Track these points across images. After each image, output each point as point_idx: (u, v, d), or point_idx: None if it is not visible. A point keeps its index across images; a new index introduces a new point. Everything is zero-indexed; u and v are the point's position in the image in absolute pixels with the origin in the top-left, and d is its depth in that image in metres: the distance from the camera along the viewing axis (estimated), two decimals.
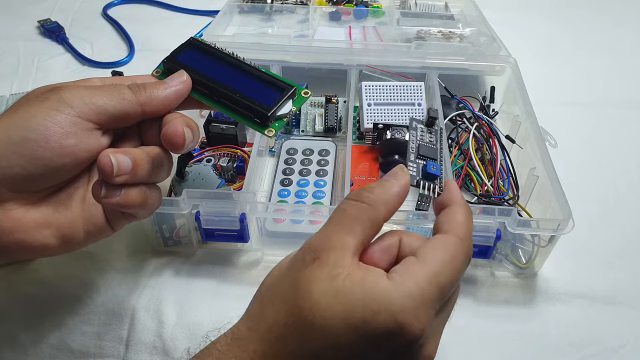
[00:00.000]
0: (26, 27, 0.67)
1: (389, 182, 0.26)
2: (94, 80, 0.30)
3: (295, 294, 0.22)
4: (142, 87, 0.29)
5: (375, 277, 0.22)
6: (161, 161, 0.29)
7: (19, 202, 0.27)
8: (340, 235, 0.23)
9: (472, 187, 0.43)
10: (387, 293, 0.21)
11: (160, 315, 0.36)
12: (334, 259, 0.22)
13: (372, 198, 0.24)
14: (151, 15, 0.72)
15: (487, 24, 0.58)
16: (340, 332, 0.21)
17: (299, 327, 0.22)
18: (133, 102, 0.28)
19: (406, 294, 0.21)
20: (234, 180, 0.44)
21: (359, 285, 0.22)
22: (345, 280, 0.22)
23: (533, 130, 0.42)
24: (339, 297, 0.21)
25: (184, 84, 0.30)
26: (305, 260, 0.23)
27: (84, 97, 0.27)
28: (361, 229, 0.24)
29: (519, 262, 0.38)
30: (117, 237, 0.39)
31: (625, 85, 0.59)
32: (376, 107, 0.47)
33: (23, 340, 0.35)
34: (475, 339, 0.35)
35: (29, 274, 0.38)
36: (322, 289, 0.22)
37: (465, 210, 0.26)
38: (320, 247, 0.23)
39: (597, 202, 0.45)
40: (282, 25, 0.63)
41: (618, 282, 0.39)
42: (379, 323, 0.21)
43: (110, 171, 0.26)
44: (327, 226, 0.24)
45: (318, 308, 0.21)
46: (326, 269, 0.22)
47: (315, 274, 0.22)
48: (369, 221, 0.24)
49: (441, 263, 0.23)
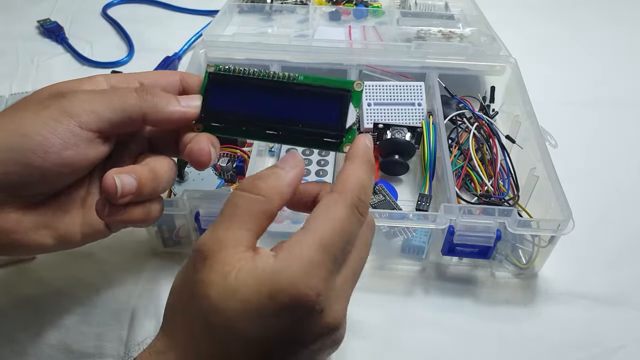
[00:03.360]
0: (25, 26, 0.67)
1: (283, 170, 0.25)
2: (99, 80, 0.29)
3: (196, 302, 0.22)
4: (150, 93, 0.27)
5: (262, 261, 0.22)
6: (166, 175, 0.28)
7: (16, 205, 0.27)
8: (231, 231, 0.23)
9: (472, 187, 0.43)
10: (274, 272, 0.21)
11: (160, 316, 0.35)
12: (224, 257, 0.22)
13: (266, 189, 0.24)
14: (151, 15, 0.72)
15: (487, 24, 0.58)
16: (246, 326, 0.21)
17: (208, 331, 0.22)
18: (136, 108, 0.27)
19: (293, 267, 0.21)
20: (234, 180, 0.44)
21: (250, 276, 0.21)
22: (237, 275, 0.22)
23: (533, 130, 0.42)
24: (236, 294, 0.21)
25: (195, 108, 0.28)
26: (196, 266, 0.22)
27: (86, 105, 0.26)
28: (255, 223, 0.23)
29: (519, 263, 0.38)
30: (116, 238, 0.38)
31: (626, 85, 0.59)
32: (376, 107, 0.47)
33: (22, 340, 0.35)
34: (475, 339, 0.35)
35: (28, 275, 0.38)
36: (218, 292, 0.21)
37: (353, 164, 0.25)
38: (210, 247, 0.23)
39: (597, 203, 0.44)
40: (282, 25, 0.63)
41: (618, 283, 0.39)
42: (276, 303, 0.21)
43: (114, 193, 0.25)
44: (218, 223, 0.24)
45: (218, 310, 0.21)
46: (217, 269, 0.22)
47: (209, 277, 0.22)
48: (263, 214, 0.24)
49: (321, 224, 0.23)
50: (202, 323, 0.22)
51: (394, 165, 0.45)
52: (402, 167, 0.45)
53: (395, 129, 0.45)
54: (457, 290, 0.38)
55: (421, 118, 0.47)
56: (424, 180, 0.42)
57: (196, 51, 0.51)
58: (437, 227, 0.35)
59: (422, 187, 0.42)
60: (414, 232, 0.38)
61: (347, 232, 0.23)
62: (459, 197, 0.41)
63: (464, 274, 0.39)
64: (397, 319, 0.36)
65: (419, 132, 0.45)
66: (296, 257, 0.22)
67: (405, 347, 0.35)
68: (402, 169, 0.45)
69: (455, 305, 0.37)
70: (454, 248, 0.36)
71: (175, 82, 0.30)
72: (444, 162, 0.40)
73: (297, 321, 0.22)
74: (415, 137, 0.45)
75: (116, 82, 0.29)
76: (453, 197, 0.37)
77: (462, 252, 0.37)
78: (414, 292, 0.38)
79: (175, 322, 0.23)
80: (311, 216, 0.23)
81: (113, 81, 0.29)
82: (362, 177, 0.25)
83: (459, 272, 0.39)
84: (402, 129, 0.44)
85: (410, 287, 0.38)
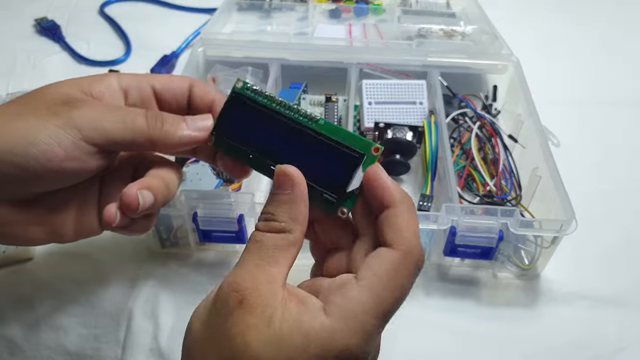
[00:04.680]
0: (22, 25, 0.67)
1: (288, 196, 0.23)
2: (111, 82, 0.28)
3: (231, 348, 0.20)
4: (160, 121, 0.27)
5: (311, 316, 0.21)
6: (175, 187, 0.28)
7: (9, 201, 0.27)
8: (264, 269, 0.22)
9: (475, 187, 0.43)
10: (327, 333, 0.20)
11: (157, 317, 0.35)
12: (263, 299, 0.20)
13: (284, 225, 0.23)
14: (148, 13, 0.71)
15: (489, 22, 0.57)
16: None
17: None
18: (144, 134, 0.26)
19: (348, 332, 0.20)
20: (232, 180, 0.43)
21: (297, 329, 0.20)
22: (282, 324, 0.20)
23: (536, 130, 0.42)
24: (280, 345, 0.20)
25: (206, 131, 0.28)
26: (230, 305, 0.20)
27: (95, 121, 0.25)
28: (284, 257, 0.22)
29: (522, 264, 0.38)
30: (114, 239, 0.38)
31: (629, 84, 0.59)
32: (377, 105, 0.47)
33: (20, 342, 0.34)
34: (477, 340, 0.35)
35: (25, 276, 0.38)
36: (260, 340, 0.20)
37: (408, 212, 0.23)
38: (244, 285, 0.21)
39: (600, 203, 0.44)
40: (281, 22, 0.63)
41: (621, 284, 0.38)
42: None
43: (136, 208, 0.26)
44: (246, 261, 0.22)
45: None
46: (258, 312, 0.20)
47: (247, 321, 0.20)
48: (290, 246, 0.23)
49: (383, 288, 0.21)
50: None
51: (395, 165, 0.44)
52: (403, 166, 0.44)
53: (396, 128, 0.44)
54: (458, 291, 0.38)
55: (422, 117, 0.46)
56: (426, 180, 0.42)
57: (194, 49, 0.50)
58: (438, 227, 0.35)
59: (423, 187, 0.42)
60: None
61: (404, 296, 0.22)
62: (461, 197, 0.40)
63: (466, 275, 0.39)
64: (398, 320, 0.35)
65: (421, 131, 0.44)
66: (352, 324, 0.20)
67: (406, 348, 0.34)
68: (403, 169, 0.44)
69: (457, 307, 0.37)
70: (455, 249, 0.36)
71: (184, 89, 0.30)
72: (446, 162, 0.40)
73: None
74: (417, 137, 0.44)
75: (128, 84, 0.29)
76: (455, 197, 0.37)
77: (464, 252, 0.36)
78: (415, 293, 0.37)
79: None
80: (371, 271, 0.22)
81: (124, 83, 0.29)
82: (417, 229, 0.23)
83: (460, 273, 0.39)
84: (403, 128, 0.44)
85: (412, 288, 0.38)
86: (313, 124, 0.26)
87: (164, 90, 0.30)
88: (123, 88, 0.29)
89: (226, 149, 0.28)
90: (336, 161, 0.25)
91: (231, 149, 0.28)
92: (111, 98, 0.28)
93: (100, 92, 0.28)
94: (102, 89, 0.28)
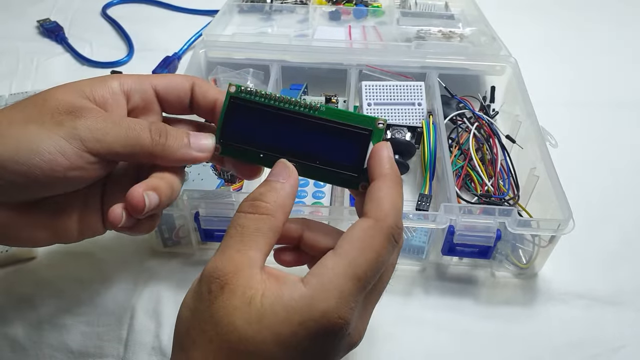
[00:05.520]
0: (25, 26, 0.67)
1: (279, 184, 0.25)
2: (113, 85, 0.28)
3: (218, 330, 0.21)
4: (164, 136, 0.27)
5: (290, 289, 0.22)
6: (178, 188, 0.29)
7: (15, 204, 0.27)
8: (245, 253, 0.23)
9: (473, 187, 0.43)
10: (305, 301, 0.21)
11: (159, 316, 0.36)
12: (244, 281, 0.22)
13: (269, 207, 0.24)
14: (150, 14, 0.72)
15: (487, 24, 0.57)
16: (275, 353, 0.21)
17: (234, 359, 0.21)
18: (146, 149, 0.27)
19: (325, 298, 0.21)
20: (234, 180, 0.44)
21: (278, 303, 0.21)
22: (262, 300, 0.21)
23: (533, 130, 0.42)
24: (264, 320, 0.21)
25: (208, 152, 0.28)
26: (213, 291, 0.22)
27: (98, 133, 0.26)
28: (265, 241, 0.23)
29: (520, 263, 0.38)
30: (116, 238, 0.39)
31: (626, 85, 0.59)
32: (376, 106, 0.47)
33: (22, 341, 0.35)
34: (475, 339, 0.35)
35: (28, 275, 0.38)
36: (244, 318, 0.21)
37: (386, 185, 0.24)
38: (226, 270, 0.22)
39: (597, 202, 0.44)
40: (282, 24, 0.63)
41: (619, 283, 0.39)
42: (306, 331, 0.21)
43: (142, 209, 0.26)
44: (228, 246, 0.23)
45: (247, 338, 0.21)
46: (239, 294, 0.21)
47: (231, 303, 0.21)
48: (271, 231, 0.24)
49: (357, 254, 0.22)
50: (227, 351, 0.21)
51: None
52: (402, 167, 0.44)
53: (395, 128, 0.45)
54: (457, 290, 0.38)
55: (421, 118, 0.47)
56: (424, 180, 0.42)
57: (196, 51, 0.51)
58: (437, 226, 0.35)
59: (422, 187, 0.42)
60: (414, 232, 0.38)
61: (382, 263, 0.23)
62: (459, 197, 0.40)
63: (464, 274, 0.39)
64: (397, 318, 0.36)
65: (419, 132, 0.45)
66: (328, 288, 0.21)
67: (405, 347, 0.35)
68: (402, 169, 0.45)
69: (455, 305, 0.37)
70: (454, 248, 0.36)
71: (187, 89, 0.30)
72: (444, 162, 0.40)
73: (326, 346, 0.22)
74: (416, 137, 0.45)
75: (130, 87, 0.29)
76: (453, 197, 0.37)
77: (462, 252, 0.37)
78: (413, 292, 0.38)
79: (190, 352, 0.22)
80: (345, 240, 0.23)
81: (127, 86, 0.29)
82: (397, 200, 0.24)
83: (459, 272, 0.39)
84: (402, 129, 0.44)
85: (410, 287, 0.38)
86: (315, 112, 0.26)
87: (166, 91, 0.30)
88: (125, 91, 0.29)
89: (235, 153, 0.28)
90: (347, 142, 0.26)
91: (240, 152, 0.28)
92: (114, 103, 0.28)
93: (103, 97, 0.28)
94: (105, 94, 0.28)
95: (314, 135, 0.26)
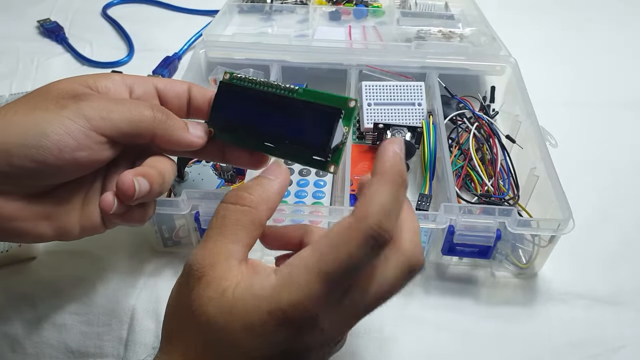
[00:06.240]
0: (25, 26, 0.67)
1: (267, 179, 0.25)
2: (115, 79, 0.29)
3: (194, 321, 0.22)
4: (165, 113, 0.28)
5: (261, 279, 0.22)
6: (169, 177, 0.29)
7: (21, 194, 0.27)
8: (223, 245, 0.23)
9: (473, 187, 0.43)
10: (274, 290, 0.21)
11: (159, 316, 0.36)
12: (219, 273, 0.22)
13: (253, 199, 0.24)
14: (151, 15, 0.72)
15: (487, 24, 0.57)
16: (245, 341, 0.21)
17: (209, 349, 0.22)
18: (149, 126, 0.27)
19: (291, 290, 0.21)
20: (234, 180, 0.44)
21: (248, 293, 0.21)
22: (234, 291, 0.22)
23: (533, 130, 0.42)
24: (234, 310, 0.21)
25: (202, 140, 0.29)
26: (190, 283, 0.22)
27: (102, 112, 0.26)
28: (245, 234, 0.23)
29: (519, 263, 0.38)
30: (116, 238, 0.39)
31: (626, 84, 0.59)
32: (376, 107, 0.47)
33: (22, 340, 0.35)
34: (475, 339, 0.35)
35: (28, 275, 0.38)
36: (216, 308, 0.21)
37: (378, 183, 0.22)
38: (203, 263, 0.22)
39: (597, 202, 0.44)
40: (282, 25, 0.63)
41: (619, 283, 0.39)
42: (276, 321, 0.21)
43: (132, 195, 0.26)
44: (208, 238, 0.23)
45: (219, 328, 0.21)
46: (213, 285, 0.22)
47: (206, 294, 0.22)
48: (252, 224, 0.24)
49: (328, 251, 0.21)
50: (203, 341, 0.22)
51: None
52: None
53: (395, 129, 0.45)
54: (457, 290, 0.38)
55: (421, 118, 0.47)
56: (424, 180, 0.42)
57: (196, 51, 0.51)
58: (437, 226, 0.35)
59: (422, 187, 0.42)
60: None
61: (354, 266, 0.21)
62: (459, 197, 0.40)
63: (464, 274, 0.39)
64: (396, 318, 0.36)
65: (419, 132, 0.45)
66: (295, 280, 0.21)
67: (405, 347, 0.35)
68: None
69: (455, 305, 0.37)
70: (454, 248, 0.36)
71: (184, 92, 0.31)
72: (444, 162, 0.40)
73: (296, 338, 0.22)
74: (416, 137, 0.45)
75: (132, 81, 0.30)
76: (453, 197, 0.37)
77: (462, 251, 0.37)
78: (413, 291, 0.38)
79: (173, 341, 0.23)
80: (325, 234, 0.22)
81: (129, 81, 0.30)
82: (385, 200, 0.22)
83: (459, 272, 0.39)
84: (402, 129, 0.44)
85: (410, 286, 0.38)
86: (293, 93, 0.27)
87: (166, 89, 0.31)
88: (128, 85, 0.30)
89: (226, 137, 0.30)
90: (318, 121, 0.26)
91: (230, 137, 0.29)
92: (116, 93, 0.29)
93: (105, 87, 0.29)
94: (108, 84, 0.29)
95: (289, 115, 0.27)
